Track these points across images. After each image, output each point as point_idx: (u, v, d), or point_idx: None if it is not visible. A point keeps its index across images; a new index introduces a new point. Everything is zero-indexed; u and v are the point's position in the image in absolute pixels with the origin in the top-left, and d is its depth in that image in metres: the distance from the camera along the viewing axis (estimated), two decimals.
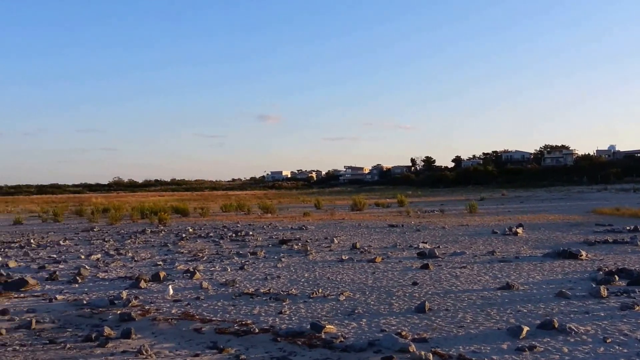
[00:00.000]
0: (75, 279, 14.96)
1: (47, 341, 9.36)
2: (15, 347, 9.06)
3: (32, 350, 8.91)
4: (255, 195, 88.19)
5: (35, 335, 9.80)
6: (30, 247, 23.71)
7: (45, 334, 9.82)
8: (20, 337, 9.70)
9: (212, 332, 9.53)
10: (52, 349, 8.95)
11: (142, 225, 34.22)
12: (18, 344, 9.23)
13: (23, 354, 8.69)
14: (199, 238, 25.41)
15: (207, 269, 16.26)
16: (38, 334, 9.87)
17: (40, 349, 8.94)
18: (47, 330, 10.08)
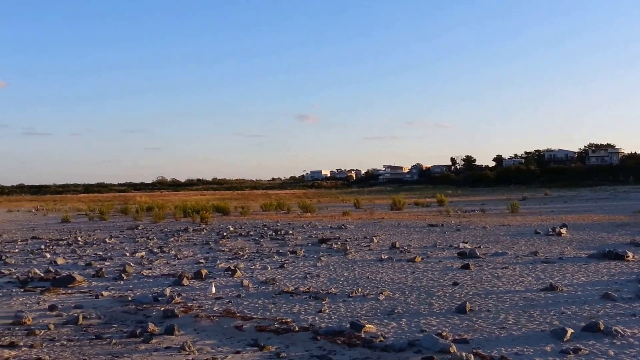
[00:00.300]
0: (120, 276, 15.34)
1: (93, 336, 9.64)
2: (63, 342, 9.36)
3: (79, 345, 9.18)
4: (294, 195, 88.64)
5: (83, 330, 10.09)
6: (77, 244, 24.39)
7: (91, 330, 10.11)
8: (68, 332, 10.01)
9: (253, 330, 9.65)
10: (98, 344, 9.21)
11: (185, 223, 34.80)
12: (66, 339, 9.53)
13: (70, 349, 8.97)
14: (240, 236, 25.70)
15: (248, 267, 16.44)
16: (85, 329, 10.17)
17: (87, 344, 9.21)
18: (94, 326, 10.38)
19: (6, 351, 8.85)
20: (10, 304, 12.47)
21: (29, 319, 10.77)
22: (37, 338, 9.60)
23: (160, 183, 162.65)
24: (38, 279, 15.44)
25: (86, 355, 8.61)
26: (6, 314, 11.43)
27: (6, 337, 9.71)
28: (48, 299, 12.93)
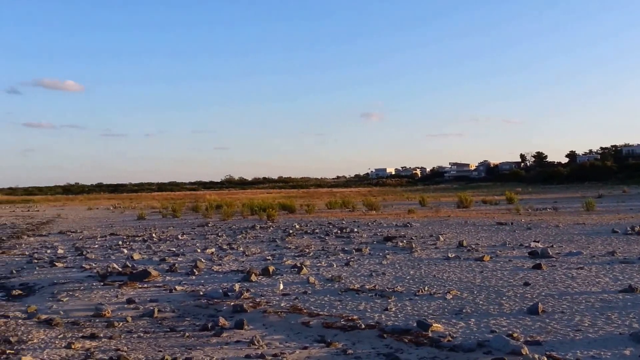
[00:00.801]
0: (192, 271, 15.85)
1: (168, 329, 10.03)
2: (140, 334, 9.79)
3: (154, 337, 9.58)
4: (359, 193, 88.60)
5: (158, 323, 10.52)
6: (152, 240, 25.35)
7: (166, 323, 10.52)
8: (144, 324, 10.46)
9: (320, 326, 9.76)
10: (172, 336, 9.58)
11: (252, 221, 35.47)
12: (142, 331, 9.96)
13: (147, 341, 9.37)
14: (305, 234, 25.97)
15: (314, 265, 16.61)
16: (160, 322, 10.60)
17: (162, 337, 9.59)
18: (168, 319, 10.79)
19: (87, 342, 9.35)
20: (91, 297, 13.15)
21: (108, 311, 11.32)
22: (115, 330, 10.09)
23: (228, 182, 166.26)
24: (116, 273, 16.19)
25: (161, 347, 8.97)
26: (87, 306, 12.06)
27: (87, 329, 10.25)
28: (126, 292, 13.54)
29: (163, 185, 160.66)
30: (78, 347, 9.02)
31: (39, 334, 9.96)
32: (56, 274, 16.71)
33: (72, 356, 8.57)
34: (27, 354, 8.62)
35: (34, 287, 15.01)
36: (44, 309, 11.94)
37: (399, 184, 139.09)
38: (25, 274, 17.15)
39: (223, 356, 8.30)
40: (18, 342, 9.42)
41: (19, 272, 17.64)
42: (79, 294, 13.62)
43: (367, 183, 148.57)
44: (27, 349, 9.05)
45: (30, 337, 9.76)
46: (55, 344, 9.26)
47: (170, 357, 8.26)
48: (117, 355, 8.43)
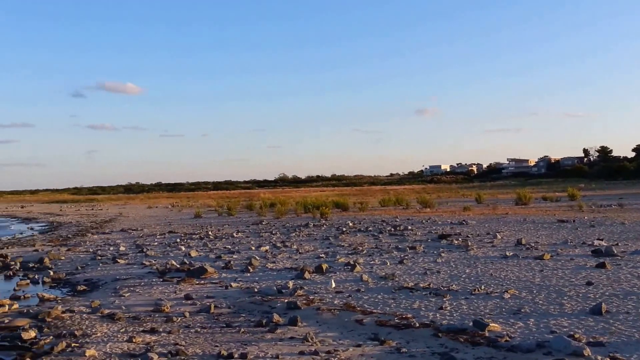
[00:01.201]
0: (247, 269, 16.10)
1: (224, 325, 10.23)
2: (197, 329, 10.02)
3: (211, 332, 9.79)
4: (413, 190, 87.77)
5: (214, 319, 10.74)
6: (208, 238, 25.88)
7: (222, 318, 10.72)
8: (201, 320, 10.70)
9: (373, 324, 9.73)
10: (228, 332, 9.76)
11: (306, 219, 35.69)
12: (199, 326, 10.20)
13: (204, 336, 9.58)
14: (359, 232, 25.93)
15: (367, 262, 16.57)
16: (216, 318, 10.81)
17: (219, 332, 9.79)
18: (224, 315, 11.00)
19: (147, 336, 9.65)
20: (151, 293, 13.55)
21: (167, 306, 11.64)
22: (174, 325, 10.36)
23: (282, 180, 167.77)
24: (174, 270, 16.62)
25: (218, 342, 9.16)
26: (147, 302, 12.44)
27: (148, 323, 10.57)
28: (183, 288, 13.88)
29: (218, 184, 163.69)
30: (139, 341, 9.32)
31: (102, 328, 10.34)
32: (118, 270, 17.29)
33: (133, 350, 8.85)
34: (91, 347, 8.96)
35: (97, 283, 15.59)
36: (107, 304, 12.39)
37: (454, 180, 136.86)
38: (89, 270, 17.83)
39: (277, 352, 8.40)
40: (83, 336, 9.81)
41: (84, 268, 18.35)
42: (140, 289, 14.05)
43: (421, 180, 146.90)
44: (91, 342, 9.41)
45: (94, 331, 10.15)
46: (117, 338, 9.60)
47: (226, 352, 8.41)
48: (175, 349, 8.65)
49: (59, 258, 21.00)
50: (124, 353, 8.71)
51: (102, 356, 8.58)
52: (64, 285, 15.98)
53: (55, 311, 11.53)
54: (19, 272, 18.44)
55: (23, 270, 18.81)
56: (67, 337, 9.76)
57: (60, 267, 19.05)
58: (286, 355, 8.25)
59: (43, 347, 9.24)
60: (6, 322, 11.07)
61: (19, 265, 19.58)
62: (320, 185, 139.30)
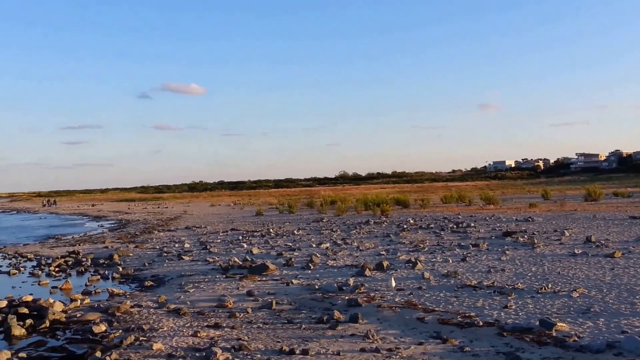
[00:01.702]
0: (307, 266, 16.21)
1: (285, 321, 10.35)
2: (260, 325, 10.18)
3: (273, 328, 9.92)
4: (476, 186, 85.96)
5: (276, 315, 10.88)
6: (269, 235, 26.22)
7: (284, 315, 10.85)
8: (263, 316, 10.86)
9: (435, 322, 9.61)
10: (290, 328, 9.86)
11: (366, 216, 35.59)
12: (262, 322, 10.35)
13: (266, 332, 9.72)
14: (420, 229, 25.64)
15: (429, 260, 16.37)
16: (278, 314, 10.95)
17: (280, 328, 9.91)
18: (285, 311, 11.12)
19: (212, 331, 9.88)
20: (215, 289, 13.86)
21: (230, 302, 11.88)
22: (237, 320, 10.57)
23: (342, 177, 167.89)
24: (237, 266, 16.94)
25: (279, 338, 9.27)
26: (211, 297, 12.73)
27: (212, 318, 10.82)
28: (246, 285, 14.13)
29: (279, 181, 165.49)
30: (203, 335, 9.55)
31: (168, 322, 10.66)
32: (183, 267, 17.78)
33: (198, 344, 9.08)
34: (158, 341, 9.26)
35: (163, 279, 16.08)
36: (173, 299, 12.76)
37: (519, 176, 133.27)
38: (156, 267, 18.42)
39: (338, 349, 8.42)
40: (150, 330, 10.14)
41: (151, 264, 18.97)
42: (204, 285, 14.40)
43: (485, 176, 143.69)
44: (158, 336, 9.72)
45: (160, 325, 10.47)
46: (182, 332, 9.88)
47: (288, 347, 8.51)
48: (238, 344, 8.82)
49: (128, 255, 21.80)
50: (189, 347, 8.95)
51: (169, 350, 8.84)
52: (132, 280, 16.57)
53: (124, 306, 11.97)
54: (90, 268, 19.27)
55: (94, 266, 19.65)
56: (136, 331, 10.12)
57: (128, 263, 19.78)
58: (347, 352, 8.27)
59: (113, 340, 9.61)
60: (78, 316, 11.59)
61: (90, 262, 20.46)
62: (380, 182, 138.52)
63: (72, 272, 18.67)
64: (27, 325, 11.05)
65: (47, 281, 16.95)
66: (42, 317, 11.50)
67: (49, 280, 17.22)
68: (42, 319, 11.30)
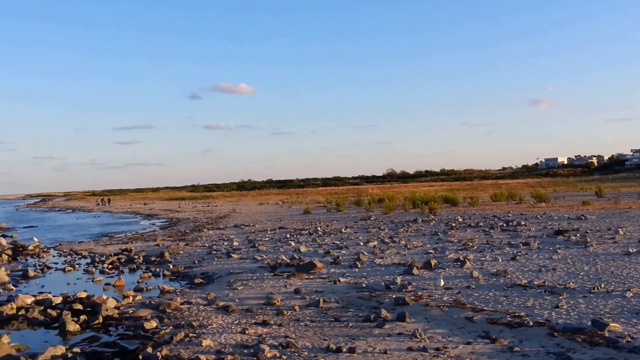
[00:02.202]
0: (355, 264, 16.22)
1: (332, 319, 10.40)
2: (307, 323, 10.26)
3: (320, 326, 9.98)
4: (527, 184, 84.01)
5: (323, 313, 10.94)
6: (317, 234, 26.34)
7: (331, 313, 10.90)
8: (310, 314, 10.94)
9: (484, 322, 9.48)
10: (337, 326, 9.91)
11: (414, 214, 35.32)
12: (309, 320, 10.44)
13: (313, 329, 9.80)
14: (469, 227, 25.27)
15: (477, 259, 16.13)
16: (325, 312, 11.01)
17: (327, 326, 9.97)
18: (333, 309, 11.18)
19: (259, 328, 10.02)
20: (263, 286, 14.04)
21: (278, 300, 12.02)
22: (284, 318, 10.68)
23: (390, 175, 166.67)
24: (285, 264, 17.10)
25: (326, 335, 9.33)
26: (259, 295, 12.91)
27: (259, 316, 10.98)
28: (293, 283, 14.26)
29: (327, 180, 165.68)
30: (251, 332, 9.71)
31: (217, 319, 10.87)
32: (232, 265, 18.07)
33: (246, 341, 9.24)
34: (207, 338, 9.46)
35: (212, 276, 16.39)
36: (222, 297, 13.00)
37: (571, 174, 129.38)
38: (205, 264, 18.78)
39: (385, 347, 8.42)
40: (199, 327, 10.37)
41: (200, 262, 19.36)
42: (252, 283, 14.60)
43: (536, 174, 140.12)
44: (207, 333, 9.93)
45: (209, 322, 10.69)
46: (231, 329, 10.06)
47: (335, 345, 8.55)
48: (286, 341, 8.92)
49: (178, 252, 22.30)
50: (238, 344, 9.11)
51: (217, 347, 9.02)
52: (182, 278, 16.94)
53: (174, 303, 12.27)
54: (141, 266, 19.81)
55: (145, 263, 20.19)
56: (185, 327, 10.36)
57: (179, 260, 20.23)
58: (394, 351, 8.25)
59: (163, 336, 9.86)
60: (130, 313, 11.94)
61: (142, 259, 21.04)
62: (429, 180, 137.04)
63: (124, 270, 19.24)
64: (81, 321, 11.46)
65: (100, 278, 17.54)
66: (96, 313, 11.91)
67: (102, 277, 17.81)
68: (96, 315, 11.70)
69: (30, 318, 12.03)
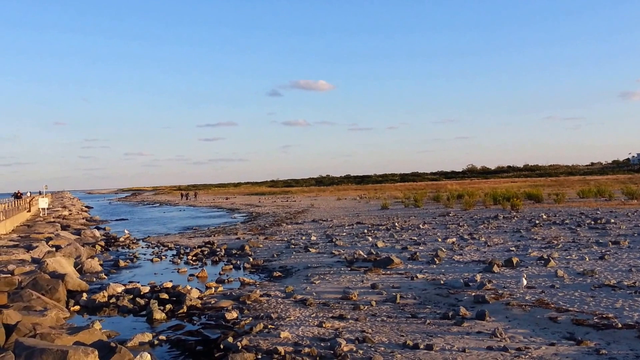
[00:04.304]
0: (433, 260, 16.01)
1: (409, 315, 10.31)
2: (383, 318, 10.24)
3: (397, 322, 9.93)
4: (617, 180, 79.60)
5: (400, 309, 10.87)
6: (395, 229, 26.17)
7: (408, 309, 10.82)
8: (387, 309, 10.90)
9: (569, 323, 9.11)
10: (414, 322, 9.82)
11: (495, 210, 34.37)
12: (385, 316, 10.40)
13: (389, 325, 9.76)
14: (554, 225, 24.29)
15: (563, 257, 15.49)
16: (402, 308, 10.94)
17: (404, 322, 9.90)
18: (410, 305, 11.08)
19: (336, 322, 10.10)
20: (340, 281, 14.12)
21: (355, 295, 12.05)
22: (361, 312, 10.70)
23: (470, 171, 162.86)
24: (362, 259, 17.12)
25: (403, 332, 9.27)
26: (336, 289, 12.99)
27: (336, 310, 11.05)
28: (370, 278, 14.24)
29: (405, 175, 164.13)
30: (328, 326, 9.79)
31: (295, 312, 11.04)
32: (310, 259, 18.29)
33: (323, 334, 9.33)
34: (285, 330, 9.63)
35: (291, 270, 16.65)
36: (299, 290, 13.19)
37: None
38: (284, 258, 19.11)
39: (464, 346, 8.26)
40: (278, 319, 10.58)
41: (279, 255, 19.71)
42: (329, 277, 14.72)
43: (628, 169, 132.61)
44: (285, 325, 10.10)
45: (287, 314, 10.88)
46: (308, 322, 10.19)
47: (412, 342, 8.49)
48: (362, 336, 8.94)
49: (258, 246, 22.81)
50: (315, 337, 9.22)
51: (295, 339, 9.16)
52: (262, 271, 17.32)
53: (254, 295, 12.57)
54: (223, 258, 20.42)
55: (227, 256, 20.80)
56: (264, 319, 10.59)
57: (258, 254, 20.69)
58: (473, 350, 8.09)
59: (243, 327, 10.13)
60: (212, 303, 12.34)
61: (224, 252, 21.68)
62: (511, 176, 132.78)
63: (207, 261, 19.91)
64: (167, 310, 11.99)
65: (185, 269, 18.23)
66: (180, 302, 12.41)
67: (186, 268, 18.51)
68: (180, 305, 12.20)
69: (120, 306, 12.72)
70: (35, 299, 11.74)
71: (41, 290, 12.89)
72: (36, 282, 13.47)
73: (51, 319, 10.28)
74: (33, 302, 11.58)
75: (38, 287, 13.09)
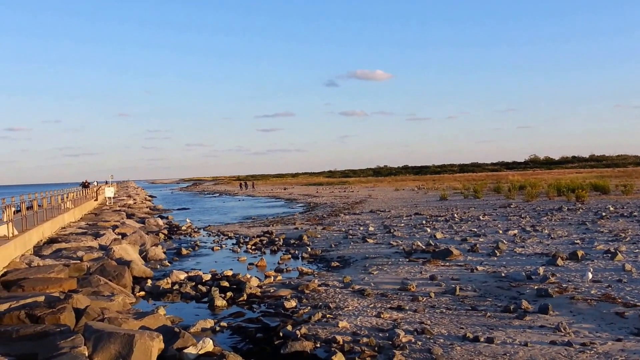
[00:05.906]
0: (493, 252, 15.70)
1: (469, 307, 10.17)
2: (442, 310, 10.14)
3: (456, 314, 9.82)
4: None
5: (459, 301, 10.74)
6: (454, 220, 25.79)
7: (467, 301, 10.67)
8: (446, 301, 10.79)
9: (637, 318, 8.77)
10: (473, 315, 9.68)
11: (559, 202, 33.33)
12: (444, 307, 10.30)
13: (449, 317, 9.66)
14: (621, 217, 23.34)
15: (631, 251, 14.88)
16: (461, 300, 10.80)
17: (464, 314, 9.77)
18: (469, 298, 10.93)
19: (394, 313, 10.07)
20: (398, 272, 14.06)
21: (413, 286, 11.98)
22: (419, 304, 10.63)
23: (532, 161, 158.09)
24: (420, 250, 16.98)
25: (463, 324, 9.16)
26: (394, 280, 12.95)
27: (395, 301, 11.02)
28: (428, 269, 14.12)
29: (464, 166, 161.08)
30: (386, 317, 9.78)
31: (353, 302, 11.08)
32: (367, 249, 18.28)
33: (381, 325, 9.33)
34: (343, 319, 9.69)
35: (348, 260, 16.69)
36: (357, 280, 13.22)
37: None
38: (341, 248, 19.17)
39: (526, 339, 8.09)
40: (336, 308, 10.64)
41: (337, 246, 19.79)
42: (387, 268, 14.68)
43: None
44: (343, 314, 10.16)
45: (345, 304, 10.93)
46: (366, 313, 10.21)
47: (472, 334, 8.38)
48: (421, 327, 8.89)
49: (316, 236, 22.96)
50: (373, 327, 9.23)
51: (353, 328, 9.21)
52: (320, 260, 17.44)
53: (312, 284, 12.69)
54: (282, 248, 20.67)
55: (285, 246, 21.04)
56: (323, 308, 10.68)
57: (316, 244, 20.83)
58: (535, 344, 7.91)
59: (302, 316, 10.25)
60: (271, 292, 12.54)
61: (282, 241, 21.95)
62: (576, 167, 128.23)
63: (266, 251, 20.22)
64: (228, 297, 12.26)
65: (244, 258, 18.57)
66: (240, 290, 12.67)
67: (246, 257, 18.85)
68: (240, 293, 12.45)
69: (183, 292, 13.10)
70: (103, 285, 12.25)
71: (108, 276, 13.43)
72: (104, 268, 14.05)
73: (118, 304, 10.70)
74: (101, 287, 12.08)
75: (105, 273, 13.65)
